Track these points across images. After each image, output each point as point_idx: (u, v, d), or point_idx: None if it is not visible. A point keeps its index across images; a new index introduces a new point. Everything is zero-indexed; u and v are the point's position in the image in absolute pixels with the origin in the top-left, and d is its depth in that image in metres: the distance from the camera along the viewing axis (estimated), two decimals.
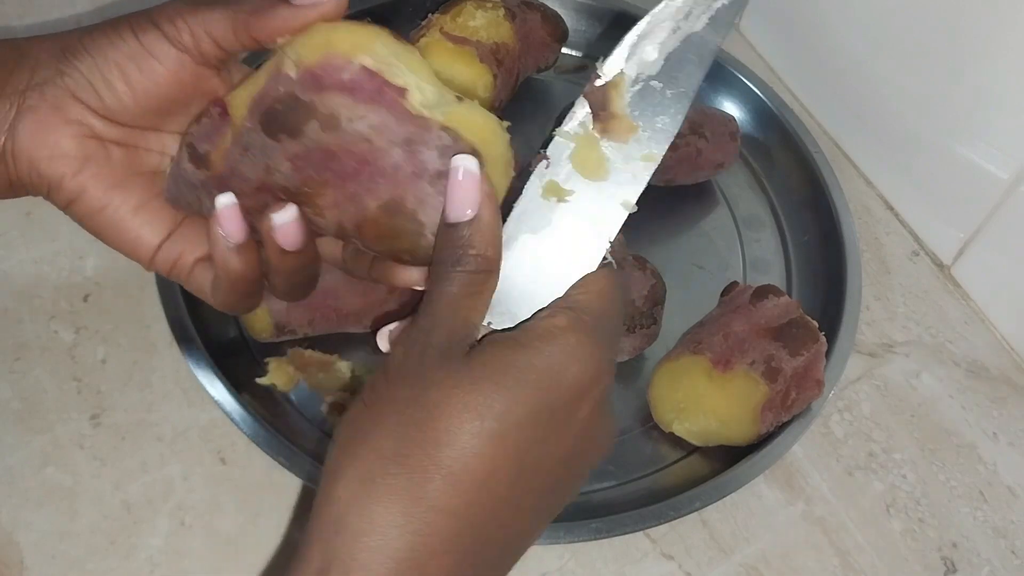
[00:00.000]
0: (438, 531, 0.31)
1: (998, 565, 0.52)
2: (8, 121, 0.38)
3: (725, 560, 0.51)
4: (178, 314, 0.54)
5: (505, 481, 0.32)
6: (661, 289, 0.56)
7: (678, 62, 0.36)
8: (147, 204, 0.40)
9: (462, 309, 0.34)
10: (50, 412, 0.53)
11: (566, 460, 0.34)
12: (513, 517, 0.33)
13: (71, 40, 0.39)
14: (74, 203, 0.39)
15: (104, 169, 0.39)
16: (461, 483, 0.31)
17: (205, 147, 0.37)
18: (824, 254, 0.62)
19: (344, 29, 0.35)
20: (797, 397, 0.51)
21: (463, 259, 0.34)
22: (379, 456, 0.32)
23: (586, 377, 0.33)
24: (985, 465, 0.56)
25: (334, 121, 0.34)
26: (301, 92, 0.35)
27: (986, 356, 0.60)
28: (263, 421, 0.50)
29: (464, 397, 0.32)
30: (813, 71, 0.71)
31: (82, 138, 0.39)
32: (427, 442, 0.32)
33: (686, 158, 0.62)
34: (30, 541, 0.49)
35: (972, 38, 0.56)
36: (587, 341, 0.33)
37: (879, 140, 0.67)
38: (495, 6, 0.64)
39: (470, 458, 0.31)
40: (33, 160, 0.38)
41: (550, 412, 0.33)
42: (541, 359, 0.33)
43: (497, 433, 0.32)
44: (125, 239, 0.40)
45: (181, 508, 0.50)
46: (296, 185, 0.36)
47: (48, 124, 0.38)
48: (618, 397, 0.57)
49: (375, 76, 0.34)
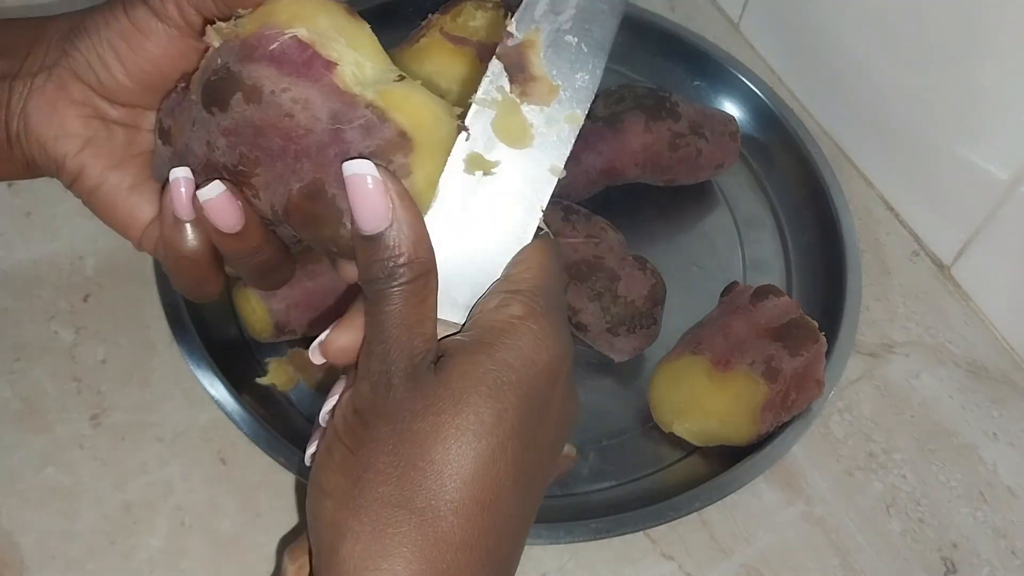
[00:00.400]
0: (459, 567, 0.30)
1: (998, 565, 0.52)
2: (23, 102, 0.39)
3: (725, 560, 0.51)
4: (178, 314, 0.54)
5: (511, 495, 0.32)
6: (661, 289, 0.56)
7: (590, 13, 0.34)
8: (141, 184, 0.40)
9: (414, 325, 0.32)
10: (50, 412, 0.53)
11: (550, 447, 0.34)
12: (520, 526, 0.33)
13: (77, 20, 0.39)
14: (76, 181, 0.40)
15: (104, 148, 0.40)
16: (472, 512, 0.31)
17: (168, 122, 0.37)
18: (824, 254, 0.62)
19: (293, 1, 0.33)
20: (797, 397, 0.51)
21: (395, 272, 0.32)
22: (383, 505, 0.31)
23: (555, 360, 0.33)
24: (985, 465, 0.56)
25: (257, 93, 0.33)
26: (233, 63, 0.33)
27: (986, 356, 0.60)
28: (263, 421, 0.50)
29: (452, 420, 0.31)
30: (813, 71, 0.71)
31: (87, 118, 0.39)
32: (427, 479, 0.30)
33: (686, 158, 0.62)
34: (30, 541, 0.49)
35: (972, 38, 0.56)
36: (547, 323, 0.33)
37: (879, 140, 0.67)
38: (495, 6, 0.64)
39: (475, 483, 0.31)
40: (41, 140, 0.39)
41: (533, 407, 0.32)
42: (513, 355, 0.32)
43: (496, 448, 0.31)
44: (117, 217, 0.41)
45: (181, 508, 0.50)
46: (234, 163, 0.34)
47: (55, 104, 0.39)
48: (618, 397, 0.57)
49: (306, 48, 0.32)
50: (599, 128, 0.60)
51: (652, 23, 0.71)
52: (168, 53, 0.38)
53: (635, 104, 0.60)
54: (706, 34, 0.73)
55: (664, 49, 0.71)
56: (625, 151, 0.60)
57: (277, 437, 0.50)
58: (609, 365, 0.57)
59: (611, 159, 0.60)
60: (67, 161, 0.39)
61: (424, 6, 0.66)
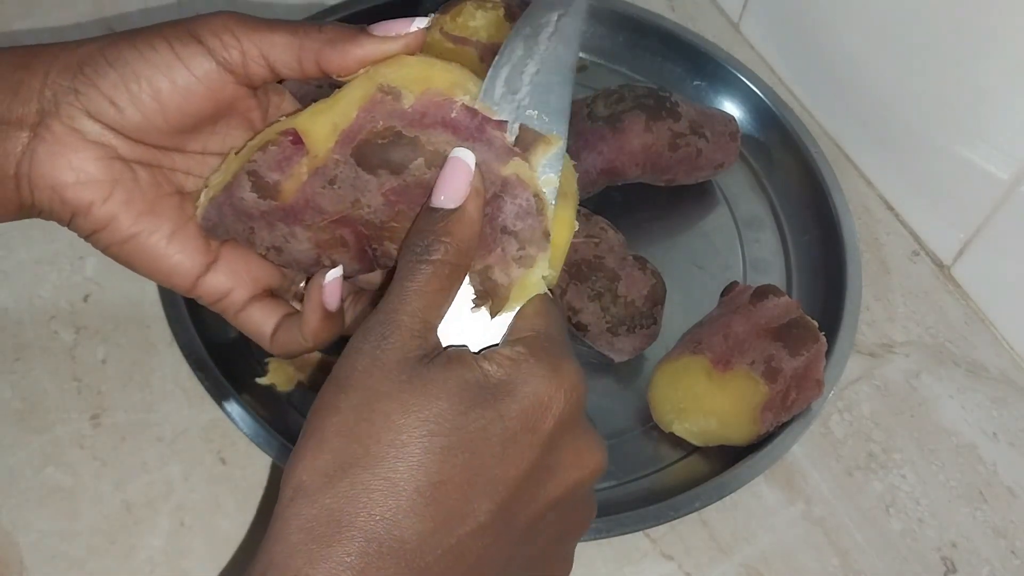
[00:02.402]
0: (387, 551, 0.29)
1: (998, 565, 0.52)
2: (21, 143, 0.36)
3: (725, 560, 0.51)
4: (178, 314, 0.54)
5: (456, 495, 0.30)
6: (661, 289, 0.56)
7: (544, 85, 0.36)
8: (180, 230, 0.38)
9: (421, 309, 0.32)
10: (50, 412, 0.53)
11: (532, 474, 0.31)
12: (474, 536, 0.30)
13: (88, 52, 0.36)
14: (102, 231, 0.37)
15: (134, 194, 0.37)
16: (409, 497, 0.29)
17: (275, 176, 0.36)
18: (824, 254, 0.62)
19: (440, 67, 0.35)
20: (797, 397, 0.51)
21: (432, 247, 0.33)
22: (316, 474, 0.29)
23: (544, 392, 0.31)
24: (985, 465, 0.56)
25: (439, 158, 0.34)
26: (404, 127, 0.35)
27: (986, 356, 0.60)
28: (263, 421, 0.50)
29: (417, 412, 0.30)
30: (813, 71, 0.71)
31: (107, 160, 0.36)
32: (369, 457, 0.29)
33: (686, 158, 0.62)
34: (30, 541, 0.49)
35: (972, 38, 0.56)
36: (544, 359, 0.32)
37: (879, 140, 0.67)
38: (495, 6, 0.64)
39: (416, 470, 0.29)
40: (56, 187, 0.36)
41: (510, 429, 0.31)
42: (502, 373, 0.31)
43: (446, 446, 0.30)
44: (160, 267, 0.38)
45: (181, 508, 0.50)
46: (383, 220, 0.36)
47: (69, 146, 0.36)
48: (618, 397, 0.57)
49: (476, 114, 0.34)
50: (599, 128, 0.60)
51: (652, 23, 0.71)
52: (214, 96, 0.36)
53: (635, 104, 0.60)
54: (706, 34, 0.73)
55: (664, 49, 0.71)
56: (625, 151, 0.60)
57: (277, 437, 0.50)
58: (609, 365, 0.57)
59: (611, 159, 0.60)
60: (94, 209, 0.36)
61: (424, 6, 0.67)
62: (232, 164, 0.38)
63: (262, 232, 0.38)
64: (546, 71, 0.36)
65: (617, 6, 0.72)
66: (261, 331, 0.41)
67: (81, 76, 0.36)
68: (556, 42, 0.36)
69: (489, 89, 0.35)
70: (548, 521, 0.32)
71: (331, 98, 0.36)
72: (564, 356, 0.33)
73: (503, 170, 0.34)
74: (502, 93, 0.35)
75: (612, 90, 0.62)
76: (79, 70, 0.36)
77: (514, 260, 0.35)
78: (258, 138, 0.38)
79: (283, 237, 0.38)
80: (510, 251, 0.35)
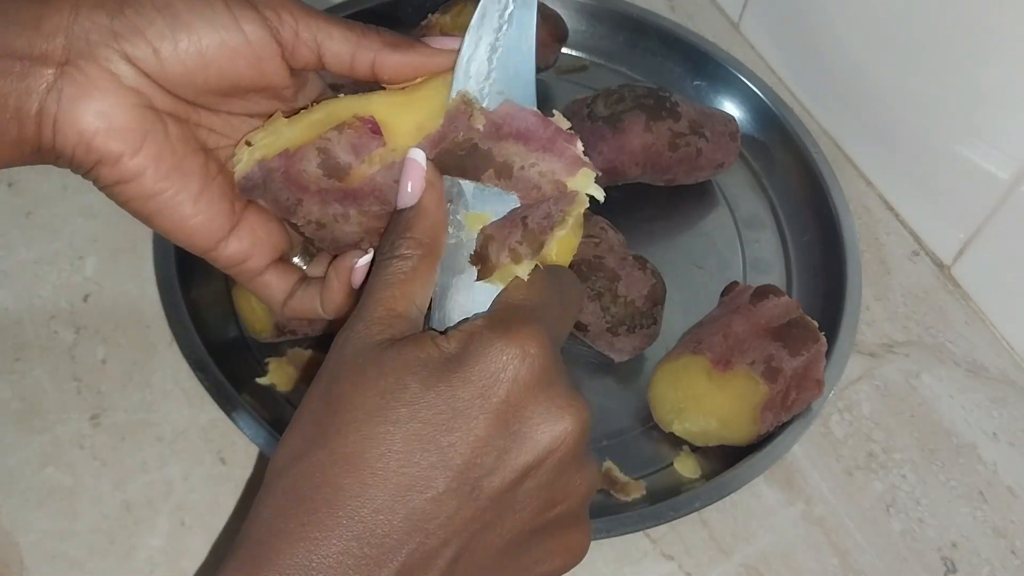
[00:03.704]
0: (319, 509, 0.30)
1: (998, 565, 0.52)
2: (45, 80, 0.33)
3: (725, 560, 0.51)
4: (178, 314, 0.54)
5: (406, 464, 0.30)
6: (661, 289, 0.56)
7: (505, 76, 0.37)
8: (207, 190, 0.37)
9: (387, 299, 0.33)
10: (50, 412, 0.53)
11: (490, 440, 0.31)
12: (433, 503, 0.31)
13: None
14: (127, 184, 0.36)
15: (164, 148, 0.36)
16: (355, 466, 0.30)
17: (347, 159, 0.37)
18: (824, 254, 0.62)
19: None
20: (797, 397, 0.51)
21: (395, 244, 0.35)
22: (286, 457, 0.31)
23: (495, 360, 0.31)
24: (985, 465, 0.56)
25: (508, 169, 0.36)
26: (481, 140, 0.36)
27: (986, 356, 0.60)
28: (263, 421, 0.50)
29: (366, 390, 0.31)
30: (813, 71, 0.71)
31: (140, 108, 0.35)
32: (326, 436, 0.31)
33: (686, 158, 0.62)
34: (30, 541, 0.49)
35: (972, 38, 0.56)
36: (499, 327, 0.32)
37: (879, 140, 0.67)
38: None
39: (364, 442, 0.30)
40: (85, 131, 0.34)
41: (457, 397, 0.31)
42: (453, 348, 0.32)
43: (394, 419, 0.30)
44: (184, 227, 0.37)
45: (181, 508, 0.50)
46: None
47: (102, 89, 0.34)
48: (618, 397, 0.57)
49: (548, 123, 0.36)
50: (599, 128, 0.60)
51: (652, 23, 0.71)
52: (259, 66, 0.36)
53: (635, 104, 0.60)
54: (706, 34, 0.73)
55: (664, 49, 0.71)
56: (625, 151, 0.60)
57: (277, 437, 0.50)
58: (609, 365, 0.57)
59: (611, 159, 0.60)
60: (123, 161, 0.35)
61: (424, 6, 0.67)
62: (286, 129, 0.38)
63: (312, 206, 0.38)
64: (505, 62, 0.37)
65: (617, 6, 0.72)
66: (275, 297, 0.42)
67: (122, 17, 0.34)
68: (513, 29, 0.38)
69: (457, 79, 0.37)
70: (528, 488, 0.32)
71: (407, 94, 0.38)
72: (525, 321, 0.32)
73: (569, 181, 0.36)
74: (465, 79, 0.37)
75: (612, 90, 0.62)
76: (119, 11, 0.34)
77: (510, 248, 0.35)
78: (322, 112, 0.38)
79: (334, 216, 0.39)
80: (512, 238, 0.35)
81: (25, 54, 0.33)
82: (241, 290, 0.54)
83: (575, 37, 0.71)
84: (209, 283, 0.57)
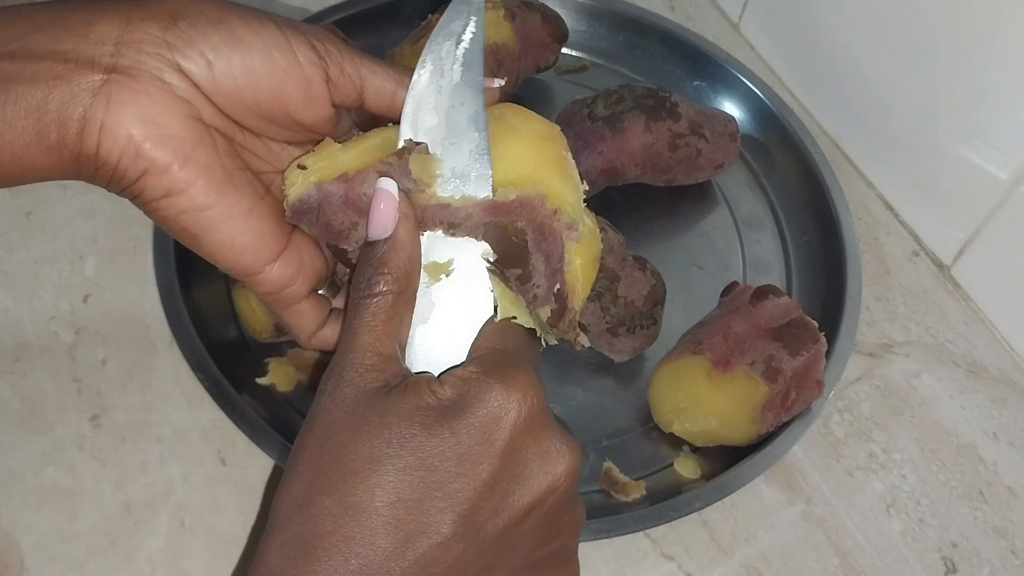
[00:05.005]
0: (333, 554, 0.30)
1: (998, 565, 0.52)
2: (92, 85, 0.32)
3: (725, 560, 0.51)
4: (178, 314, 0.54)
5: (414, 511, 0.31)
6: (661, 289, 0.56)
7: (456, 115, 0.37)
8: (257, 207, 0.36)
9: (372, 343, 0.33)
10: (50, 412, 0.53)
11: (494, 484, 0.32)
12: (440, 548, 0.31)
13: (180, 7, 0.34)
14: (176, 196, 0.34)
15: (213, 159, 0.34)
16: (364, 514, 0.31)
17: (407, 185, 0.36)
18: (824, 254, 0.62)
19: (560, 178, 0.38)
20: (797, 397, 0.51)
21: (372, 280, 0.34)
22: (290, 504, 0.32)
23: (495, 405, 0.32)
24: (985, 465, 0.56)
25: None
26: (532, 231, 0.37)
27: (986, 356, 0.60)
28: (263, 421, 0.50)
29: (369, 438, 0.31)
30: (813, 71, 0.71)
31: (190, 119, 0.34)
32: (330, 484, 0.31)
33: (686, 158, 0.62)
34: (30, 542, 0.49)
35: (972, 38, 0.56)
36: (494, 372, 0.33)
37: (879, 140, 0.67)
38: (495, 6, 0.64)
39: (372, 491, 0.31)
40: (134, 138, 0.33)
41: (462, 444, 0.32)
42: (451, 392, 0.32)
43: (400, 467, 0.31)
44: (233, 244, 0.36)
45: (181, 508, 0.50)
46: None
47: (153, 97, 0.33)
48: (618, 397, 0.57)
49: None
50: (599, 128, 0.60)
51: (652, 23, 0.71)
52: (308, 90, 0.36)
53: (635, 104, 0.60)
54: (706, 34, 0.73)
55: (664, 49, 0.71)
56: (625, 151, 0.60)
57: (277, 437, 0.50)
58: (609, 365, 0.57)
59: (611, 159, 0.60)
60: (172, 170, 0.33)
61: (424, 6, 0.67)
62: (341, 154, 0.38)
63: (364, 230, 0.38)
64: (455, 99, 0.37)
65: (617, 6, 0.72)
66: (306, 327, 0.40)
67: (175, 29, 0.33)
68: (462, 69, 0.37)
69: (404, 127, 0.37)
70: (527, 528, 0.33)
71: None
72: (516, 366, 0.33)
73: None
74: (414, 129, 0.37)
75: (612, 90, 0.62)
76: (172, 24, 0.33)
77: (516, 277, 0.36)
78: (378, 137, 0.38)
79: None
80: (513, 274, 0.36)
81: (71, 57, 0.33)
82: (241, 290, 0.54)
83: (575, 37, 0.71)
84: (209, 283, 0.57)
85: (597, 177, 0.61)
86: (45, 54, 0.33)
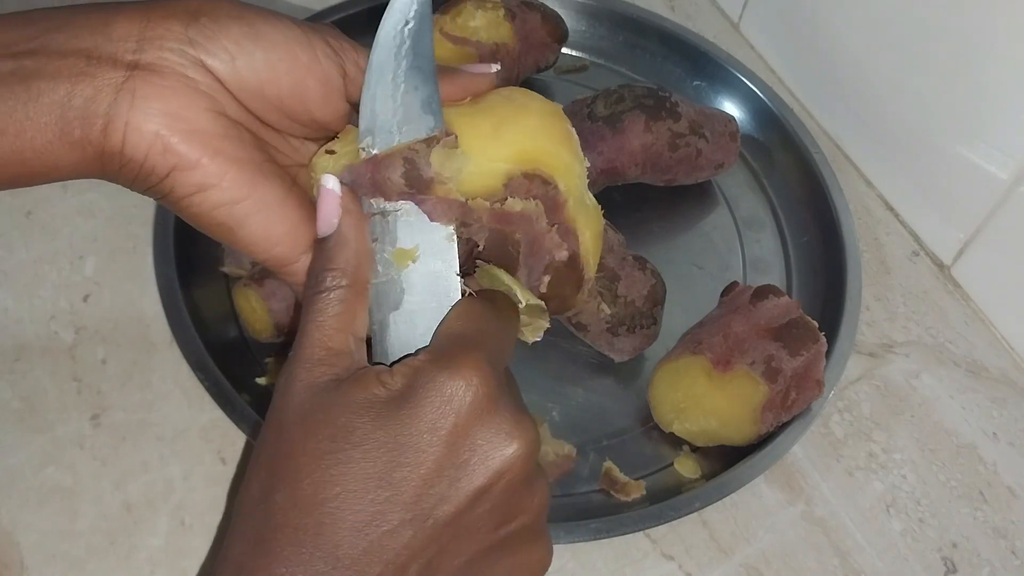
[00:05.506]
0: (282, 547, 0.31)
1: (998, 565, 0.52)
2: (115, 82, 0.32)
3: (725, 560, 0.51)
4: (178, 314, 0.54)
5: (359, 502, 0.31)
6: (661, 289, 0.56)
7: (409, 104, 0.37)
8: (290, 196, 0.36)
9: (321, 339, 0.34)
10: (50, 412, 0.53)
11: (441, 471, 0.32)
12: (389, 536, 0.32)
13: (199, 4, 0.34)
14: (207, 191, 0.34)
15: (241, 151, 0.34)
16: (311, 507, 0.31)
17: (430, 173, 0.36)
18: (824, 254, 0.62)
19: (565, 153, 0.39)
20: (797, 397, 0.51)
21: (319, 278, 0.34)
22: (249, 502, 0.32)
23: (440, 393, 0.32)
24: (985, 465, 0.56)
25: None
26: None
27: (986, 356, 0.60)
28: (263, 421, 0.50)
29: (316, 433, 0.32)
30: (813, 71, 0.71)
31: (215, 113, 0.34)
32: (281, 480, 0.32)
33: (686, 158, 0.62)
34: (30, 541, 0.49)
35: (972, 38, 0.56)
36: (442, 360, 0.33)
37: (879, 140, 0.67)
38: (495, 6, 0.64)
39: (318, 484, 0.31)
40: (163, 134, 0.33)
41: (405, 433, 0.32)
42: (400, 384, 0.32)
43: (343, 460, 0.31)
44: (270, 235, 0.36)
45: (181, 508, 0.50)
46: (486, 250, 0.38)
47: (178, 92, 0.33)
48: (618, 397, 0.57)
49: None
50: (599, 128, 0.60)
51: (652, 23, 0.71)
52: (327, 84, 0.36)
53: (635, 104, 0.60)
54: (706, 34, 0.73)
55: (664, 49, 0.71)
56: (625, 151, 0.60)
57: None
58: (609, 365, 0.57)
59: (611, 159, 0.60)
60: (202, 164, 0.33)
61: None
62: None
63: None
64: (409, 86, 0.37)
65: (617, 6, 0.72)
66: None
67: (197, 25, 0.34)
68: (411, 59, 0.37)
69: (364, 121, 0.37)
70: (481, 511, 0.33)
71: (498, 136, 0.37)
72: (466, 352, 0.33)
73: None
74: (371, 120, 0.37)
75: (612, 90, 0.62)
76: (193, 20, 0.34)
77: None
78: None
79: None
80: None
81: (93, 54, 0.33)
82: (241, 290, 0.54)
83: (575, 37, 0.71)
84: (209, 283, 0.57)
85: (597, 177, 0.61)
86: (67, 52, 0.33)
